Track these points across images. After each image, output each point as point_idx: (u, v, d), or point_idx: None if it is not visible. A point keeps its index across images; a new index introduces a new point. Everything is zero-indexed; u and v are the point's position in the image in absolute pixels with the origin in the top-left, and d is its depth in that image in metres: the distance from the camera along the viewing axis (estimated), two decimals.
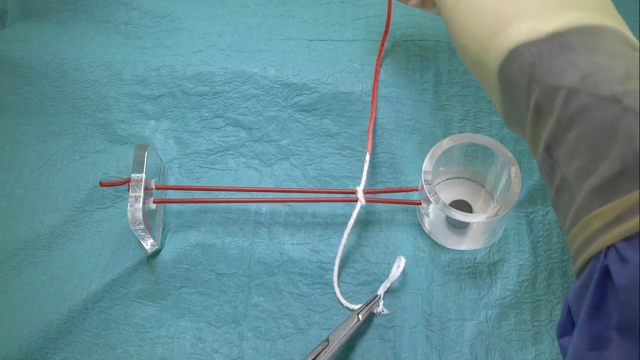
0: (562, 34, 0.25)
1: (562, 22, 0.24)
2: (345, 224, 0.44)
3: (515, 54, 0.25)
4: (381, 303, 0.43)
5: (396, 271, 0.42)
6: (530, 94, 0.26)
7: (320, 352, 0.40)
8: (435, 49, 0.51)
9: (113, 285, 0.45)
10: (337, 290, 0.44)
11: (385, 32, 0.50)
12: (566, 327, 0.28)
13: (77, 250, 0.47)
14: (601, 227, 0.25)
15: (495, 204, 0.45)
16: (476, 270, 0.44)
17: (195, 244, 0.46)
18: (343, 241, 0.44)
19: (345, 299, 0.44)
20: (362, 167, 0.45)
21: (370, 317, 0.43)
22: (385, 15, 0.50)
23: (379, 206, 0.47)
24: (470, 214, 0.41)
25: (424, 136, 0.48)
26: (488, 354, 0.42)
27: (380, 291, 0.43)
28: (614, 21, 0.27)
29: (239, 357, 0.43)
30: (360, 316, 0.41)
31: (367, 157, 0.45)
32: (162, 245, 0.46)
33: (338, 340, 0.40)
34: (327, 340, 0.40)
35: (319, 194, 0.46)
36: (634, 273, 0.23)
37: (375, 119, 0.48)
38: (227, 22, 0.54)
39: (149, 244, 0.44)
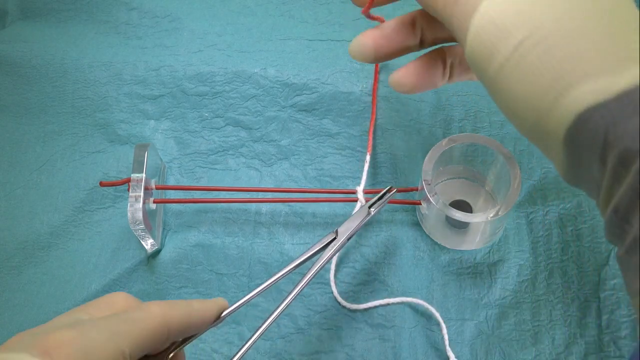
0: (633, 91, 0.22)
1: (629, 79, 0.22)
2: None
3: (584, 119, 0.23)
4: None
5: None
6: (606, 159, 0.23)
7: (328, 245, 0.39)
8: None
9: (113, 285, 0.45)
10: (334, 289, 0.44)
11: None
12: None
13: (77, 250, 0.47)
14: None
15: (495, 204, 0.45)
16: (476, 270, 0.44)
17: (195, 244, 0.46)
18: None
19: (344, 298, 0.44)
20: (362, 167, 0.45)
21: (371, 317, 0.43)
22: (385, 15, 0.50)
23: None
24: (470, 214, 0.41)
25: (424, 136, 0.48)
26: (488, 354, 0.42)
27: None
28: None
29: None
30: (372, 210, 0.40)
31: (367, 157, 0.45)
32: (162, 245, 0.46)
33: (347, 234, 0.39)
34: (336, 232, 0.39)
35: (319, 194, 0.46)
36: None
37: (375, 119, 0.48)
38: (227, 22, 0.54)
39: (149, 244, 0.44)
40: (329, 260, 0.39)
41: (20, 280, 0.46)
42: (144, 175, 0.43)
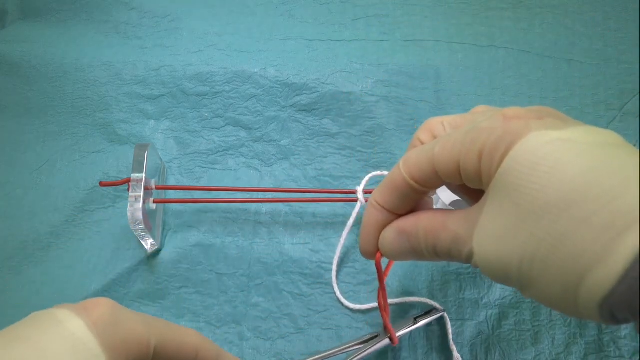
0: (632, 267, 0.22)
1: (622, 258, 0.22)
2: (345, 224, 0.44)
3: (605, 307, 0.23)
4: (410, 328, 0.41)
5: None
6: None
7: (370, 341, 0.40)
8: (435, 49, 0.51)
9: (113, 285, 0.45)
10: (336, 289, 0.44)
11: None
12: None
13: (77, 250, 0.47)
14: None
15: None
16: (476, 270, 0.44)
17: (195, 244, 0.46)
18: (342, 241, 0.44)
19: (345, 298, 0.44)
20: (362, 167, 0.45)
21: (371, 317, 0.43)
22: (385, 15, 0.50)
23: None
24: None
25: None
26: (488, 354, 0.42)
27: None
28: None
29: (239, 357, 0.43)
30: (418, 320, 0.41)
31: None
32: (162, 245, 0.46)
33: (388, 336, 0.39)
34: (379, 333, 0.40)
35: (319, 194, 0.46)
36: None
37: (375, 118, 0.48)
38: (227, 22, 0.54)
39: (149, 244, 0.44)
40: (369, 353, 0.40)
41: (20, 280, 0.46)
42: (144, 175, 0.43)
